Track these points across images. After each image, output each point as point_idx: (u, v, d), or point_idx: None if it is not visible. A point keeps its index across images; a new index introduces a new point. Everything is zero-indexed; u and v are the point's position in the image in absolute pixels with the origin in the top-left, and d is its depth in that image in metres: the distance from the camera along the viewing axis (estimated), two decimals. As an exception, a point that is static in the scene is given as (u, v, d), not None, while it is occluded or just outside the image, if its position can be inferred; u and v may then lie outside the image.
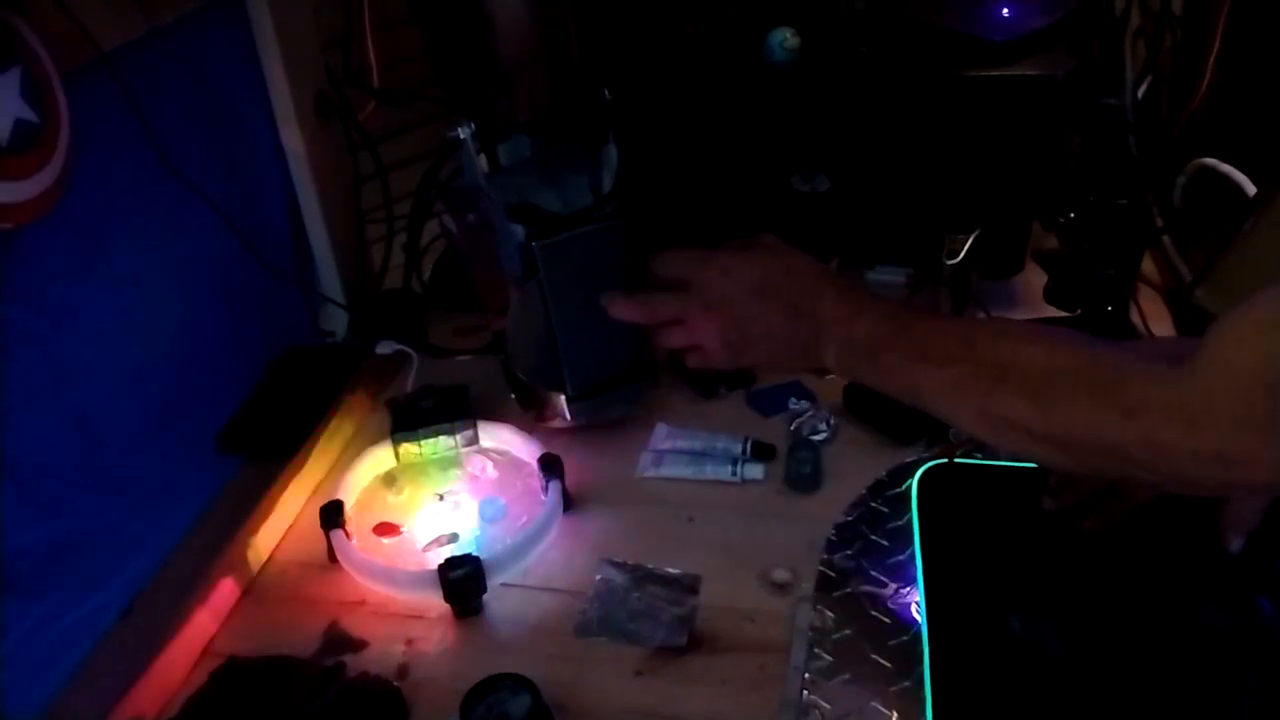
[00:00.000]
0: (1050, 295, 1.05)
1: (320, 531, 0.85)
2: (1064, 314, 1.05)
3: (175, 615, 0.78)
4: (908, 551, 0.82)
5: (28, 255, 0.74)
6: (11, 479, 0.72)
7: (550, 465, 0.90)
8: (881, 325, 0.68)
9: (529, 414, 0.99)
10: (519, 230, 0.87)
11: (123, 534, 0.83)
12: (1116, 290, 1.02)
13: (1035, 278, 1.14)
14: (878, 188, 1.14)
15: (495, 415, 0.99)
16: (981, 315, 1.07)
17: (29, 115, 0.69)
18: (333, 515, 0.86)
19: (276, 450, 0.96)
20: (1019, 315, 1.09)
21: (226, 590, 0.83)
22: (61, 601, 0.76)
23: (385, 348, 1.08)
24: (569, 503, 0.90)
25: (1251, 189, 1.02)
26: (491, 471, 0.95)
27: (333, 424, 1.00)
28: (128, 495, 0.85)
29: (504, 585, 0.83)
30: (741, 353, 0.75)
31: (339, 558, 0.85)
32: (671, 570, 0.83)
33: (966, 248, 1.06)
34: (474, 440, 0.97)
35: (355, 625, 0.80)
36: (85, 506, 0.80)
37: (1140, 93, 1.20)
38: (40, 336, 0.76)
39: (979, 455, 0.90)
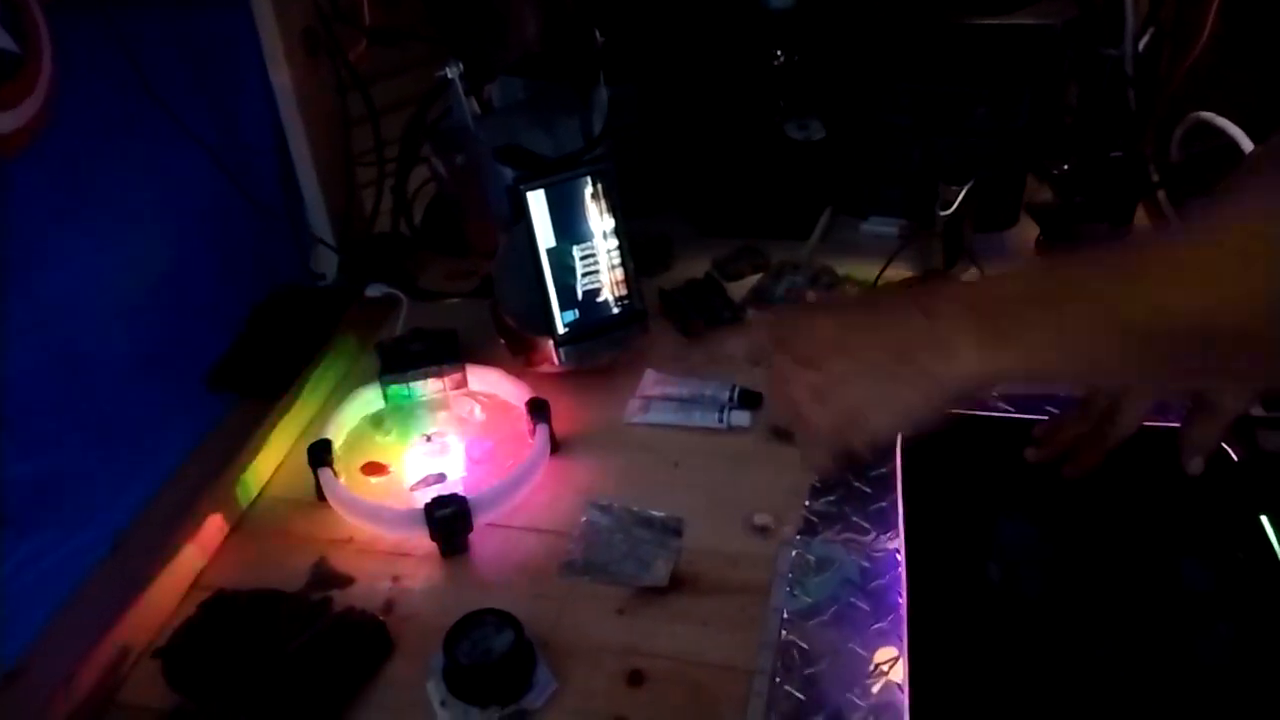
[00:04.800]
0: (1041, 248, 1.04)
1: (309, 470, 0.86)
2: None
3: (164, 549, 0.79)
4: (889, 499, 0.83)
5: (13, 191, 0.73)
6: (-3, 415, 0.73)
7: (538, 409, 0.90)
8: (1023, 280, 0.54)
9: (518, 358, 0.99)
10: (507, 173, 0.86)
11: (111, 471, 0.83)
12: (1109, 244, 1.02)
13: (1029, 231, 1.14)
14: (872, 136, 1.13)
15: (484, 359, 0.99)
16: (974, 269, 1.08)
17: (9, 45, 0.68)
18: (321, 453, 0.86)
19: (266, 390, 0.97)
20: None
21: (215, 525, 0.84)
22: (49, 537, 0.76)
23: (375, 290, 1.08)
24: (556, 446, 0.91)
25: (1248, 144, 1.01)
26: (479, 414, 0.96)
27: (322, 365, 1.01)
28: (116, 432, 0.85)
29: (490, 525, 0.83)
30: (829, 394, 0.58)
31: (326, 496, 0.86)
32: (656, 513, 0.84)
33: (960, 198, 1.05)
34: (462, 383, 0.97)
35: (342, 561, 0.81)
36: (72, 443, 0.80)
37: (1141, 45, 1.19)
38: (26, 273, 0.76)
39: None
